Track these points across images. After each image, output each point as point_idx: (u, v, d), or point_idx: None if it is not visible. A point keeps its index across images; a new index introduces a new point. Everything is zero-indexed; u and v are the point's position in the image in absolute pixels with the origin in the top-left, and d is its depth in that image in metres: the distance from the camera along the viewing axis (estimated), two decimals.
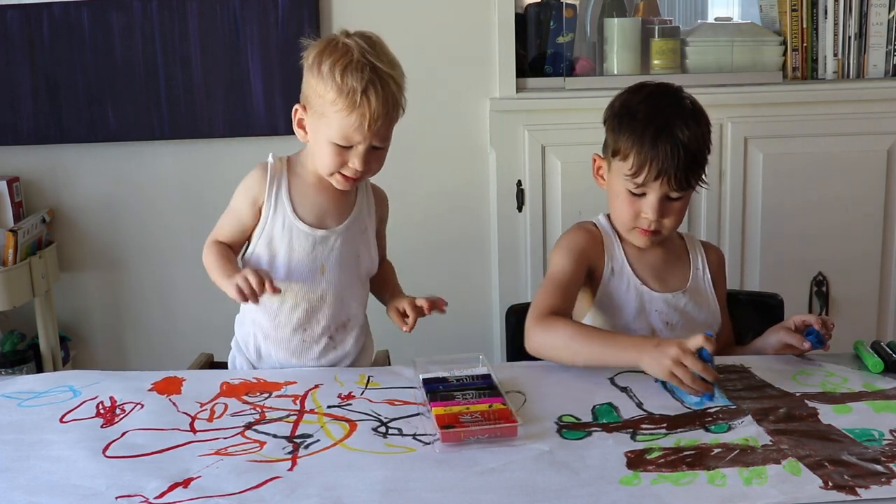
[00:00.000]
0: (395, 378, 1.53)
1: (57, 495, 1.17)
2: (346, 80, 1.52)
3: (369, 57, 1.55)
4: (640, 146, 1.59)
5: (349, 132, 1.55)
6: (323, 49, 1.57)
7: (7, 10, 2.52)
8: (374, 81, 1.53)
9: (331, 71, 1.53)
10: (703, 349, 1.40)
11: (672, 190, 1.61)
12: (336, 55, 1.54)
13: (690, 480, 1.17)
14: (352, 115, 1.53)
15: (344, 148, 1.57)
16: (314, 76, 1.56)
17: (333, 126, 1.55)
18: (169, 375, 1.55)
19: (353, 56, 1.54)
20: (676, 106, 1.64)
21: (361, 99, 1.52)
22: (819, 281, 2.65)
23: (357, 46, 1.55)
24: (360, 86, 1.52)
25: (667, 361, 1.40)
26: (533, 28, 2.67)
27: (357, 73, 1.52)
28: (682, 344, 1.40)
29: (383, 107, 1.54)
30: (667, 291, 1.70)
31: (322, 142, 1.58)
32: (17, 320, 2.65)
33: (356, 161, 1.57)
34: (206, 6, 2.53)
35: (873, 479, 1.15)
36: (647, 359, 1.43)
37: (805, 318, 1.60)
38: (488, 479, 1.18)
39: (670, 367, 1.39)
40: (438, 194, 2.67)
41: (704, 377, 1.39)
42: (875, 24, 2.61)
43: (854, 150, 2.60)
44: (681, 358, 1.39)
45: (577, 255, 1.68)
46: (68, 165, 2.65)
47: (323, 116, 1.56)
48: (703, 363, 1.39)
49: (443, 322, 2.69)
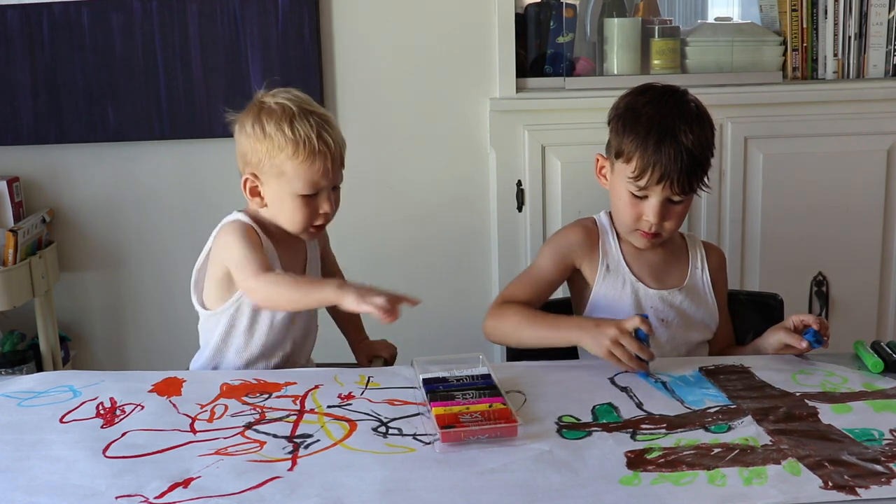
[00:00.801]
0: (395, 378, 1.53)
1: (57, 495, 1.17)
2: (297, 132, 1.57)
3: (305, 107, 1.62)
4: (644, 150, 1.60)
5: (315, 178, 1.60)
6: (257, 114, 1.62)
7: (7, 10, 2.52)
8: (322, 126, 1.60)
9: (278, 129, 1.58)
10: (640, 329, 1.49)
11: (674, 194, 1.62)
12: (275, 115, 1.60)
13: (690, 480, 1.17)
14: (315, 161, 1.59)
15: (310, 197, 1.61)
16: (258, 140, 1.60)
17: (297, 178, 1.59)
18: (169, 376, 1.55)
19: (293, 109, 1.60)
20: (681, 109, 1.64)
21: (319, 143, 1.58)
22: (819, 281, 2.65)
23: (290, 101, 1.61)
24: (314, 132, 1.58)
25: (605, 341, 1.48)
26: (533, 28, 2.67)
27: (305, 122, 1.58)
28: (620, 324, 1.49)
29: (338, 146, 1.62)
30: (663, 289, 1.71)
31: (286, 199, 1.61)
32: (17, 320, 2.65)
33: (325, 205, 1.63)
34: (206, 6, 2.53)
35: (873, 479, 1.15)
36: (587, 338, 1.52)
37: (804, 318, 1.60)
38: (488, 479, 1.18)
39: (609, 347, 1.48)
40: (438, 194, 2.67)
41: (640, 356, 1.48)
42: (875, 24, 2.61)
43: (854, 150, 2.59)
44: (618, 338, 1.48)
45: (561, 255, 1.73)
46: (68, 165, 2.65)
47: (282, 174, 1.60)
48: (639, 343, 1.49)
49: (443, 322, 2.70)
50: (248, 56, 2.56)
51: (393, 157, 2.68)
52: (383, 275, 2.71)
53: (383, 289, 1.48)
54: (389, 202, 2.69)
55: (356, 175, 2.68)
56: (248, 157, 1.63)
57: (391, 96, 2.63)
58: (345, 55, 2.60)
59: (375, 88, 2.62)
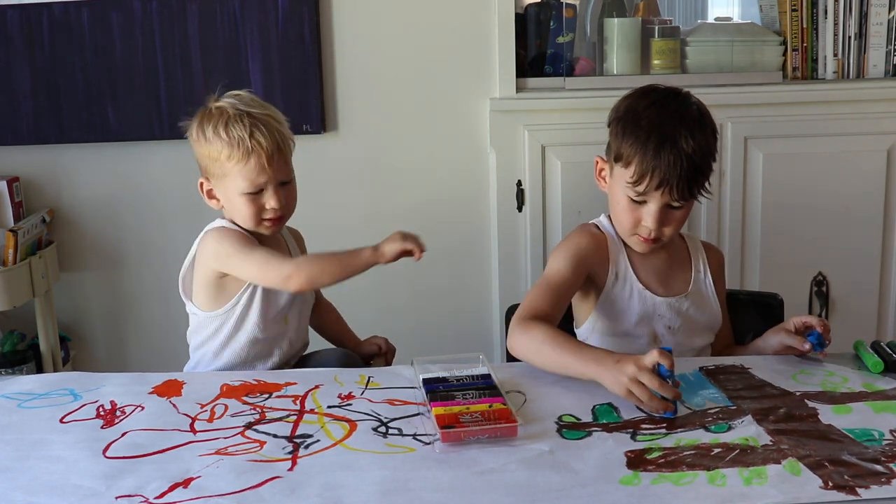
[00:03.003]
0: (395, 378, 1.53)
1: (57, 495, 1.17)
2: (231, 134, 1.64)
3: (242, 108, 1.68)
4: (643, 155, 1.57)
5: (253, 176, 1.66)
6: (201, 119, 1.69)
7: (7, 10, 2.52)
8: (255, 125, 1.66)
9: (215, 133, 1.65)
10: (661, 365, 1.35)
11: (673, 200, 1.59)
12: (214, 119, 1.67)
13: (690, 480, 1.17)
14: (250, 160, 1.65)
15: (255, 194, 1.67)
16: (203, 145, 1.68)
17: (238, 178, 1.66)
18: (169, 378, 1.55)
19: (229, 112, 1.67)
20: (682, 114, 1.60)
21: (252, 143, 1.64)
22: (819, 281, 2.65)
23: (229, 105, 1.68)
24: (246, 132, 1.65)
25: (624, 379, 1.36)
26: (533, 28, 2.67)
27: (238, 124, 1.65)
28: (639, 361, 1.36)
29: (273, 143, 1.66)
30: (670, 296, 1.69)
31: (235, 199, 1.68)
32: (17, 320, 2.65)
33: (272, 201, 1.68)
34: (206, 6, 2.53)
35: (873, 479, 1.15)
36: (606, 375, 1.39)
37: (805, 319, 1.60)
38: (488, 479, 1.18)
39: (627, 385, 1.35)
40: (438, 194, 2.67)
41: (663, 395, 1.34)
42: (875, 24, 2.61)
43: (854, 150, 2.60)
44: (637, 376, 1.35)
45: (577, 260, 1.65)
46: (68, 165, 2.65)
47: (225, 176, 1.67)
48: (660, 380, 1.34)
49: (443, 322, 2.70)
50: (248, 56, 2.56)
51: (392, 157, 2.67)
52: (383, 274, 2.71)
53: (402, 232, 1.61)
54: (389, 202, 2.68)
55: (356, 174, 2.69)
56: (199, 160, 1.73)
57: (391, 96, 2.63)
58: (345, 55, 2.60)
59: (375, 88, 2.62)
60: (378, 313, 2.70)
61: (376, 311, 2.70)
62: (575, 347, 1.49)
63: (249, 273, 1.66)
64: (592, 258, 1.67)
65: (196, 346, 1.75)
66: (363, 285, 2.69)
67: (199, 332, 1.74)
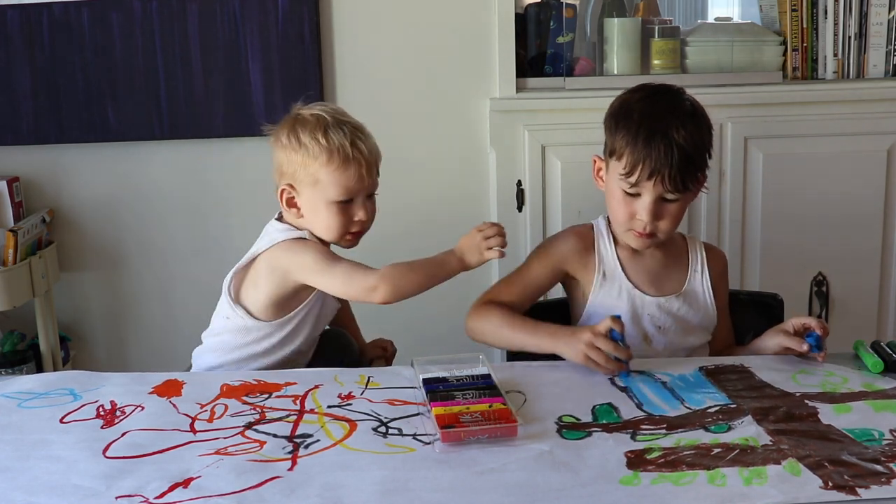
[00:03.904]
0: (395, 378, 1.53)
1: (57, 495, 1.17)
2: (331, 140, 1.61)
3: (339, 117, 1.66)
4: (634, 145, 1.58)
5: (350, 184, 1.63)
6: (292, 125, 1.65)
7: (7, 10, 2.52)
8: (356, 134, 1.64)
9: (312, 138, 1.62)
10: (613, 330, 1.49)
11: (666, 192, 1.59)
12: (310, 125, 1.63)
13: (690, 480, 1.17)
14: (349, 168, 1.62)
15: (346, 204, 1.64)
16: (294, 151, 1.63)
17: (332, 186, 1.62)
18: (169, 378, 1.55)
19: (328, 120, 1.64)
20: (674, 106, 1.62)
21: (353, 150, 1.62)
22: (819, 281, 2.65)
23: (324, 112, 1.65)
24: (348, 140, 1.62)
25: (581, 346, 1.48)
26: (533, 28, 2.67)
27: (339, 131, 1.62)
28: (594, 328, 1.49)
29: (372, 154, 1.66)
30: (660, 295, 1.70)
31: (322, 208, 1.64)
32: (17, 320, 2.65)
33: (360, 212, 1.66)
34: (206, 6, 2.53)
35: (873, 479, 1.15)
36: (562, 346, 1.52)
37: (805, 320, 1.60)
38: (488, 479, 1.18)
39: (584, 351, 1.47)
40: (438, 194, 2.67)
41: (618, 356, 1.47)
42: (875, 24, 2.61)
43: (854, 150, 2.59)
44: (593, 341, 1.47)
45: (551, 261, 1.71)
46: (68, 165, 2.65)
47: (318, 183, 1.63)
48: (613, 343, 1.48)
49: (443, 322, 2.70)
50: (248, 56, 2.56)
51: (392, 157, 2.66)
52: None
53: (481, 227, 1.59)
54: (389, 202, 2.68)
55: None
56: (284, 168, 1.66)
57: (391, 96, 2.63)
58: (345, 55, 2.60)
59: (375, 88, 2.62)
60: (378, 313, 2.69)
61: (376, 310, 2.70)
62: (531, 325, 1.60)
63: (333, 286, 1.62)
64: (571, 259, 1.71)
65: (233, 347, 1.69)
66: None
67: (241, 335, 1.68)
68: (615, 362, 1.48)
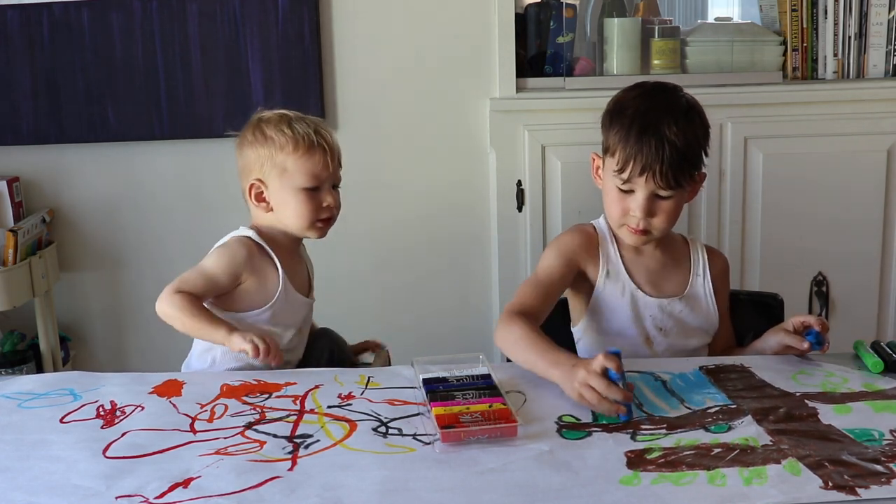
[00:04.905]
0: (395, 378, 1.53)
1: (57, 495, 1.17)
2: (296, 130, 1.69)
3: (300, 114, 1.74)
4: (626, 141, 1.58)
5: (317, 170, 1.69)
6: (256, 124, 1.72)
7: (7, 10, 2.52)
8: (318, 125, 1.73)
9: (278, 130, 1.69)
10: (609, 370, 1.35)
11: (659, 188, 1.59)
12: (273, 120, 1.71)
13: (690, 480, 1.17)
14: (315, 154, 1.68)
15: (313, 191, 1.69)
16: (261, 145, 1.70)
17: (299, 173, 1.68)
18: (169, 378, 1.55)
19: (290, 115, 1.72)
20: (669, 103, 1.62)
21: (317, 138, 1.69)
22: (819, 281, 2.65)
23: (286, 111, 1.74)
24: (311, 129, 1.70)
25: (575, 384, 1.36)
26: (533, 28, 2.67)
27: (302, 122, 1.71)
28: (588, 366, 1.35)
29: (335, 145, 1.73)
30: (662, 296, 1.69)
31: (290, 196, 1.69)
32: (17, 320, 2.65)
33: (328, 198, 1.71)
34: (206, 6, 2.53)
35: (873, 479, 1.15)
36: (561, 379, 1.40)
37: (805, 318, 1.60)
38: (488, 479, 1.18)
39: (578, 390, 1.35)
40: (438, 194, 2.67)
41: (614, 397, 1.33)
42: (875, 24, 2.61)
43: (854, 150, 2.60)
44: (587, 380, 1.34)
45: (567, 257, 1.69)
46: (68, 165, 2.65)
47: (285, 172, 1.69)
48: (607, 382, 1.33)
49: (443, 322, 2.70)
50: (248, 56, 2.56)
51: (393, 157, 2.68)
52: (384, 274, 2.72)
53: (266, 335, 1.58)
54: (389, 202, 2.69)
55: (356, 175, 2.67)
56: (251, 164, 1.72)
57: (391, 96, 2.63)
58: (345, 55, 2.60)
59: (375, 88, 2.62)
60: (378, 312, 2.70)
61: (376, 310, 2.71)
62: (543, 348, 1.48)
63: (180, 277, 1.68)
64: (582, 254, 1.70)
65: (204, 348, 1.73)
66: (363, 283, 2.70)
67: None
68: (611, 403, 1.33)
